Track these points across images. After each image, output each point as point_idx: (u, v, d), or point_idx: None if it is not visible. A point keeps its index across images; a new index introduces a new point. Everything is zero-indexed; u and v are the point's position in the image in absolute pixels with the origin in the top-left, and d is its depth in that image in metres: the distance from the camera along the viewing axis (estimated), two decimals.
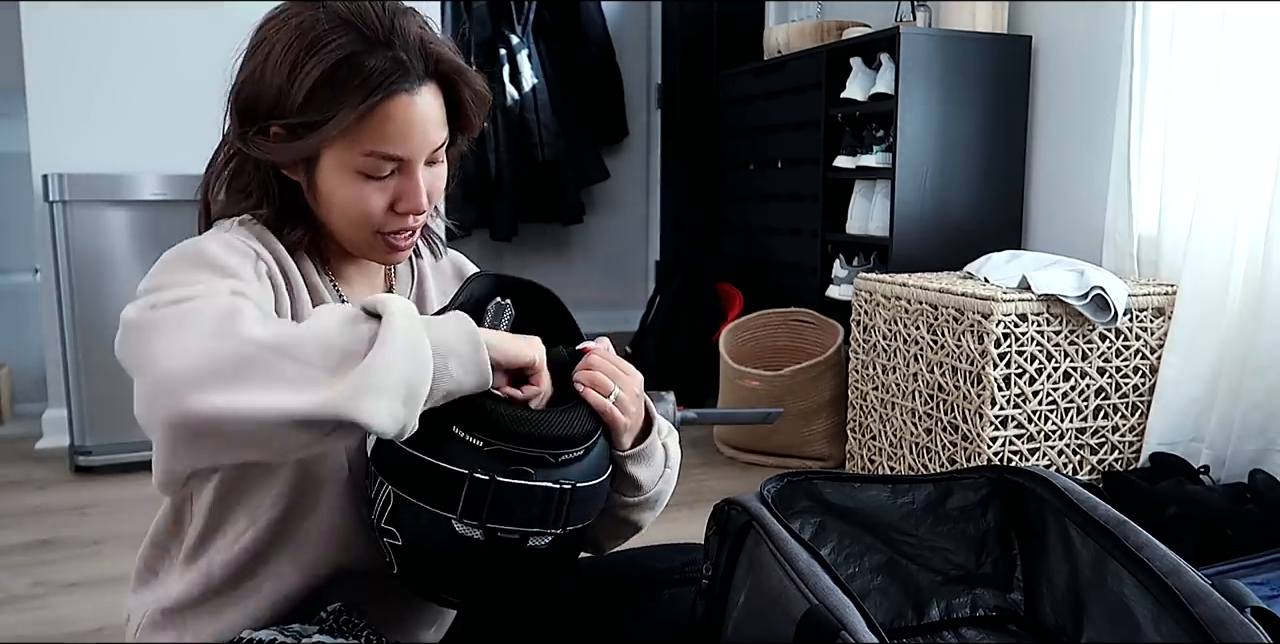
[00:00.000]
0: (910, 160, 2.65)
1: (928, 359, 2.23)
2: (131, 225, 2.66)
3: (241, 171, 0.93)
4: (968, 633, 1.01)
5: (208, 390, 0.66)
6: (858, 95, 2.81)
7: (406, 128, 0.86)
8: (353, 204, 0.89)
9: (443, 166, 0.94)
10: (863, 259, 2.88)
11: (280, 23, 0.86)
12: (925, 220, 2.69)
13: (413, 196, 0.89)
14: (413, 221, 0.91)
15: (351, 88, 0.82)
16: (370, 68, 0.82)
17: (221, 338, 0.69)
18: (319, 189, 0.90)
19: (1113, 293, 2.05)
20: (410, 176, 0.89)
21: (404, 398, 0.70)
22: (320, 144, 0.85)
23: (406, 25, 0.85)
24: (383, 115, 0.84)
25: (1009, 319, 2.04)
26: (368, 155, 0.86)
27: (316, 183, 0.89)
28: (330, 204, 0.90)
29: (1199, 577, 0.78)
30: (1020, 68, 2.74)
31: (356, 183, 0.88)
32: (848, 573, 1.00)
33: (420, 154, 0.88)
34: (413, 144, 0.87)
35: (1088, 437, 2.16)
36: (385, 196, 0.89)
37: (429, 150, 0.89)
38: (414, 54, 0.85)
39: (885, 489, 1.03)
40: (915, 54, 2.63)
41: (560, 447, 0.82)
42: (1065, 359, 2.10)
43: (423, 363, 0.72)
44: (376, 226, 0.90)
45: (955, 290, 2.15)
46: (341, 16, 0.84)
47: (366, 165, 0.87)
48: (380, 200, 0.89)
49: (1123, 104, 2.33)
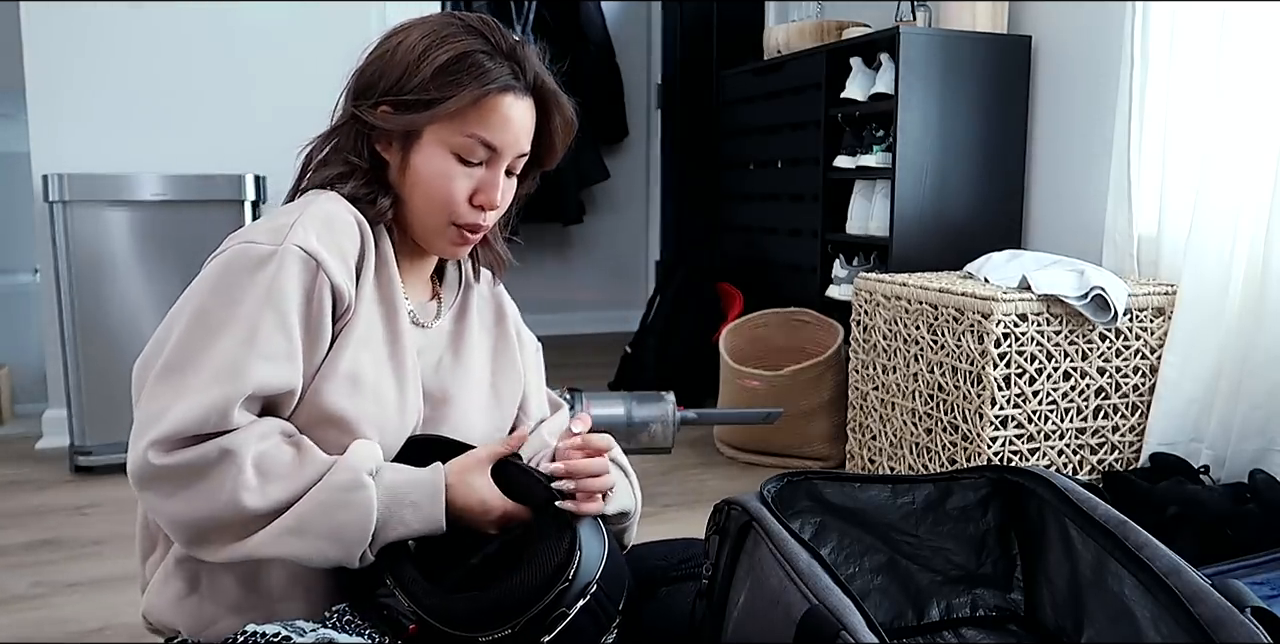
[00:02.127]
0: (910, 160, 2.65)
1: (928, 359, 2.23)
2: (131, 225, 2.66)
3: (343, 146, 1.01)
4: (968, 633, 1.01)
5: (213, 548, 0.87)
6: (858, 95, 2.81)
7: (507, 123, 0.98)
8: (441, 181, 0.98)
9: (514, 183, 1.04)
10: (863, 259, 2.88)
11: (418, 22, 1.00)
12: (925, 220, 2.69)
13: (491, 190, 0.99)
14: (483, 219, 1.01)
15: (474, 75, 0.95)
16: (491, 65, 0.96)
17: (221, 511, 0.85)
18: (412, 165, 0.98)
19: (1113, 293, 2.05)
20: (495, 171, 0.99)
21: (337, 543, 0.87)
22: (433, 118, 0.95)
23: (525, 49, 1.00)
24: (492, 105, 0.96)
25: (1009, 319, 2.04)
26: (469, 136, 0.96)
27: (411, 159, 0.98)
28: (418, 181, 0.99)
29: (1199, 577, 0.78)
30: (1020, 68, 2.74)
31: (450, 162, 0.98)
32: (848, 573, 1.00)
33: (510, 151, 0.99)
34: (508, 139, 0.98)
35: (1088, 437, 2.16)
36: (469, 183, 0.99)
37: (517, 152, 1.00)
38: (528, 68, 0.99)
39: (885, 489, 1.03)
40: (915, 54, 2.63)
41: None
42: (1065, 359, 2.10)
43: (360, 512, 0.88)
44: (452, 213, 0.99)
45: (955, 290, 2.15)
46: (474, 25, 0.98)
47: (465, 147, 0.97)
48: (464, 185, 0.99)
49: (1123, 104, 2.33)
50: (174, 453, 0.84)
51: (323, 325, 0.92)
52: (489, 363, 1.11)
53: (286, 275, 0.89)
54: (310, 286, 0.90)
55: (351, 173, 1.00)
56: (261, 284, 0.88)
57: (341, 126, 1.01)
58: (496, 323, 1.15)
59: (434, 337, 1.06)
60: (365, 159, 1.00)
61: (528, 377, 1.16)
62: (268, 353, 0.87)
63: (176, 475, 0.84)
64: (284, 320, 0.88)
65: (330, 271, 0.91)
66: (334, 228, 0.94)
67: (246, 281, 0.89)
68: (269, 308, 0.88)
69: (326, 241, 0.92)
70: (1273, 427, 2.03)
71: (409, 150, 0.98)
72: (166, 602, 0.96)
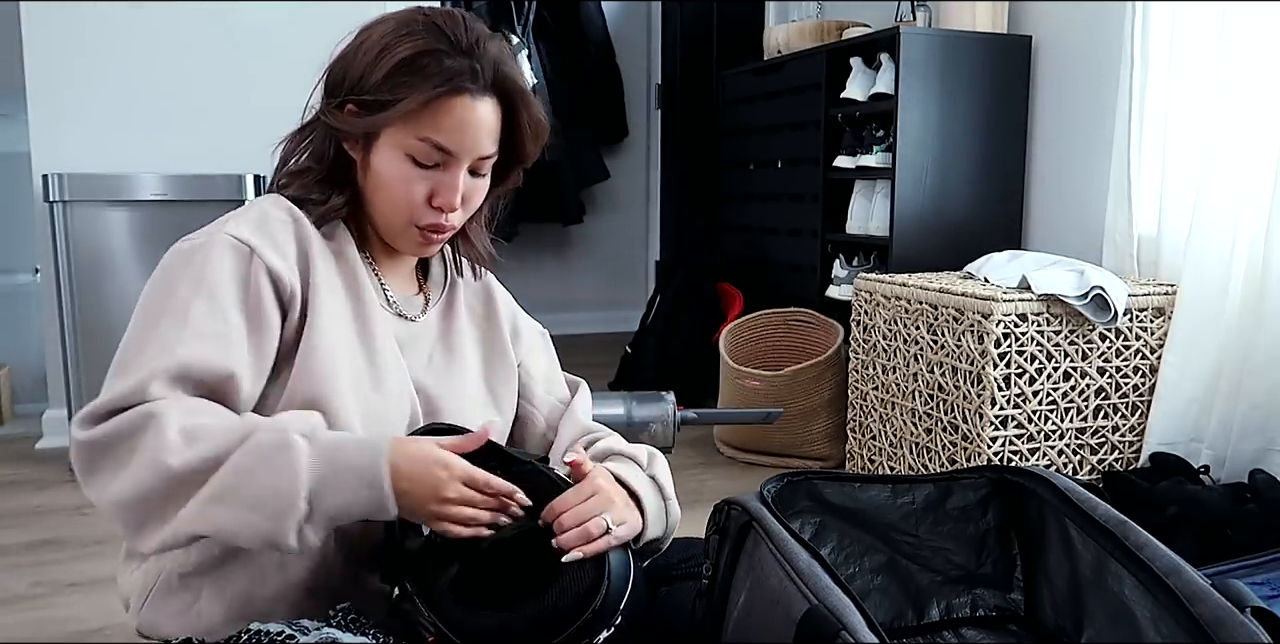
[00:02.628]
0: (910, 160, 2.65)
1: (928, 359, 2.23)
2: (131, 225, 2.66)
3: (311, 144, 1.01)
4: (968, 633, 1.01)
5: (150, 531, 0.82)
6: (858, 95, 2.81)
7: (461, 125, 0.94)
8: (397, 185, 0.96)
9: (485, 181, 1.01)
10: (863, 259, 2.88)
11: (387, 17, 0.97)
12: (925, 220, 2.69)
13: (448, 192, 0.97)
14: (445, 220, 0.98)
15: (425, 76, 0.92)
16: (446, 65, 0.92)
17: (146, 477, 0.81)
18: (372, 167, 0.97)
19: (1113, 293, 2.05)
20: (452, 174, 0.96)
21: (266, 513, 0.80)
22: (385, 121, 0.93)
23: (488, 44, 0.96)
24: (444, 108, 0.93)
25: (1009, 319, 2.04)
26: (421, 140, 0.94)
27: (371, 160, 0.97)
28: (378, 183, 0.98)
29: (1199, 577, 0.78)
30: (1020, 68, 2.74)
31: (405, 165, 0.95)
32: (848, 573, 1.00)
33: (466, 154, 0.96)
34: (463, 142, 0.95)
35: (1088, 437, 2.16)
36: (426, 186, 0.96)
37: (476, 155, 0.96)
38: (486, 66, 0.94)
39: (885, 489, 1.03)
40: (915, 54, 2.62)
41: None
42: (1065, 359, 2.10)
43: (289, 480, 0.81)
44: (412, 216, 0.98)
45: (955, 290, 2.15)
46: (437, 23, 0.95)
47: (418, 150, 0.94)
48: (420, 188, 0.96)
49: (1123, 104, 2.33)
50: (98, 425, 0.83)
51: (264, 310, 0.91)
52: (481, 358, 1.10)
53: (218, 260, 0.90)
54: (245, 272, 0.90)
55: (307, 171, 1.00)
56: (194, 272, 0.89)
57: (309, 125, 1.01)
58: (487, 317, 1.14)
59: (421, 331, 1.05)
60: (329, 158, 1.00)
61: (533, 361, 1.15)
62: (198, 331, 0.87)
63: (101, 446, 0.83)
64: (217, 304, 0.88)
65: (264, 256, 0.91)
66: (267, 224, 0.94)
67: (181, 272, 0.90)
68: (201, 292, 0.88)
69: (261, 234, 0.93)
70: (1273, 426, 2.03)
71: (369, 151, 0.97)
72: (166, 616, 0.95)
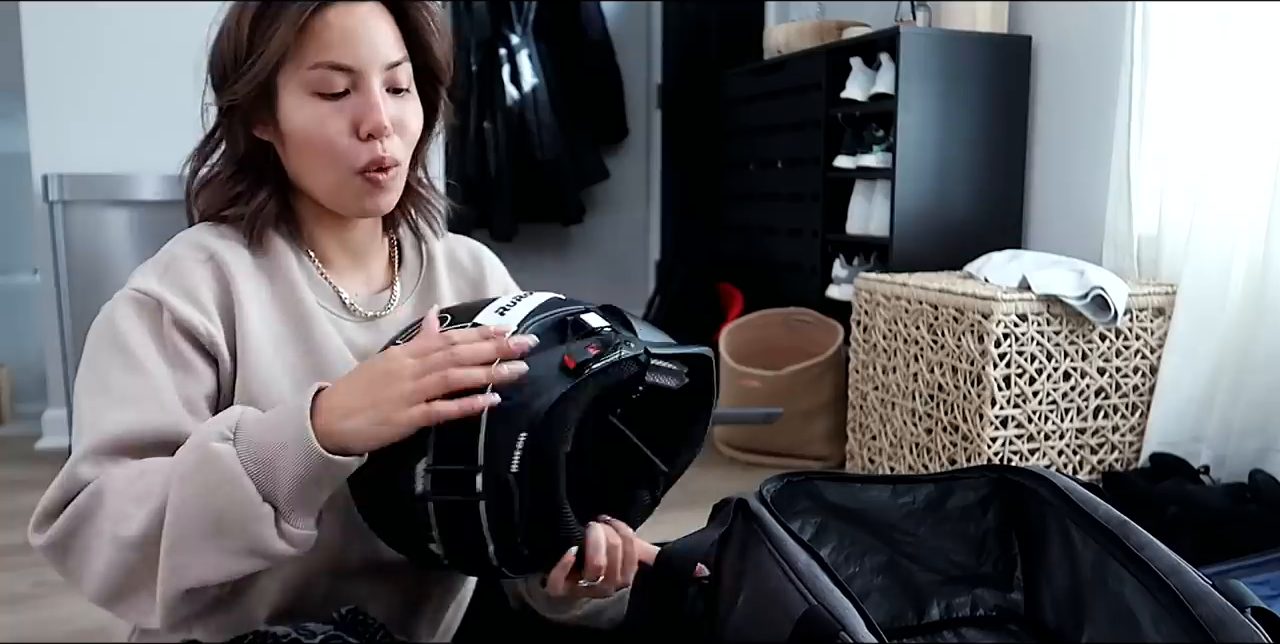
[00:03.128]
0: (910, 160, 2.65)
1: (928, 359, 2.23)
2: (131, 225, 2.66)
3: (220, 140, 0.92)
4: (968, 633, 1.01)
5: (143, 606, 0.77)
6: (858, 95, 2.81)
7: (348, 34, 0.85)
8: (314, 127, 0.86)
9: (412, 101, 0.91)
10: (863, 259, 2.88)
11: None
12: (925, 220, 2.69)
13: (371, 112, 0.85)
14: (382, 150, 0.87)
15: (288, 10, 0.84)
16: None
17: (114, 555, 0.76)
18: (284, 129, 0.88)
19: (1113, 293, 2.05)
20: (366, 93, 0.86)
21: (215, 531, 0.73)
22: (268, 63, 0.84)
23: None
24: (321, 24, 0.84)
25: (1009, 319, 2.04)
26: (314, 68, 0.85)
27: (282, 126, 0.88)
28: (296, 140, 0.87)
29: (1200, 577, 0.78)
30: (1020, 68, 2.74)
31: (314, 103, 0.86)
32: (848, 573, 1.00)
33: (369, 64, 0.86)
34: (358, 52, 0.85)
35: (1088, 437, 2.16)
36: (344, 119, 0.86)
37: (380, 63, 0.86)
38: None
39: (886, 489, 1.03)
40: (915, 54, 2.62)
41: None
42: (1065, 359, 2.09)
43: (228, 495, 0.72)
44: (346, 159, 0.87)
45: (955, 290, 2.15)
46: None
47: (317, 80, 0.85)
48: (339, 122, 0.86)
49: (1123, 104, 2.33)
50: (52, 525, 0.80)
51: (184, 357, 0.84)
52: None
53: (125, 320, 0.84)
54: (155, 325, 0.84)
55: (224, 177, 0.92)
56: (108, 339, 0.84)
57: (211, 131, 0.92)
58: (475, 291, 1.07)
59: (391, 326, 0.96)
60: (242, 152, 0.91)
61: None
62: (122, 397, 0.81)
63: (63, 544, 0.79)
64: (133, 363, 0.82)
65: (172, 307, 0.84)
66: (176, 269, 0.87)
67: (97, 342, 0.85)
68: (115, 358, 0.83)
69: (167, 282, 0.85)
70: (1273, 426, 2.03)
71: (276, 115, 0.87)
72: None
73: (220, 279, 0.87)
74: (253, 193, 0.91)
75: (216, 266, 0.87)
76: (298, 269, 0.92)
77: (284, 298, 0.90)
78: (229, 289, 0.87)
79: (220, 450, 0.73)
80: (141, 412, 0.80)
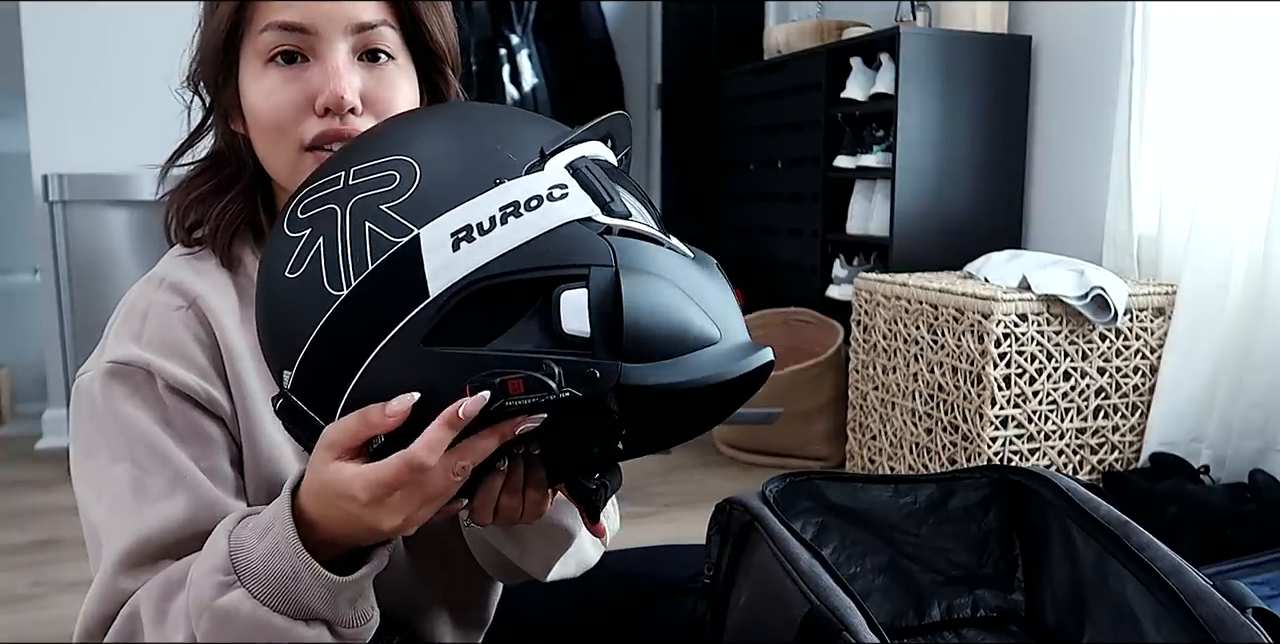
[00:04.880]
0: (910, 160, 2.65)
1: (928, 359, 2.23)
2: (131, 225, 2.66)
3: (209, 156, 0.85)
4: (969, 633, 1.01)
5: None
6: (858, 95, 2.81)
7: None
8: (262, 101, 0.75)
9: (399, 73, 0.78)
10: (863, 259, 2.88)
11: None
12: (925, 220, 2.69)
13: (330, 78, 0.73)
14: (340, 123, 0.74)
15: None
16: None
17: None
18: (244, 105, 0.78)
19: (1113, 293, 2.05)
20: (327, 59, 0.74)
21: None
22: (223, 34, 0.75)
23: None
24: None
25: (1009, 319, 2.04)
26: (264, 31, 0.74)
27: (241, 100, 0.78)
28: (251, 124, 0.77)
29: (1200, 577, 0.78)
30: (1020, 68, 2.74)
31: (269, 72, 0.75)
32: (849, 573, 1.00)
33: (327, 24, 0.73)
34: (311, 9, 0.73)
35: (1088, 437, 2.16)
36: (298, 89, 0.74)
37: (343, 23, 0.74)
38: None
39: (887, 489, 1.03)
40: (915, 54, 2.62)
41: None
42: (1065, 359, 2.10)
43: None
44: (294, 133, 0.75)
45: (955, 290, 2.15)
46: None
47: (269, 44, 0.74)
48: (290, 93, 0.74)
49: (1123, 104, 2.33)
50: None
51: (193, 425, 0.75)
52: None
53: (116, 402, 0.73)
54: (150, 396, 0.74)
55: (184, 181, 0.84)
56: (105, 426, 0.74)
57: (197, 131, 0.84)
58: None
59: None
60: (216, 152, 0.83)
61: None
62: (141, 495, 0.72)
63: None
64: (140, 450, 0.73)
65: (161, 371, 0.74)
66: (156, 324, 0.77)
67: (92, 430, 0.75)
68: (120, 444, 0.73)
69: (150, 343, 0.76)
70: (1273, 426, 2.03)
71: (238, 94, 0.78)
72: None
73: (205, 326, 0.77)
74: (219, 196, 0.82)
75: (198, 313, 0.77)
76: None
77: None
78: (213, 331, 0.77)
79: (231, 604, 0.63)
80: (173, 505, 0.71)
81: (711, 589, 0.94)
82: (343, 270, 0.58)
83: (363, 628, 0.66)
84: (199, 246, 0.82)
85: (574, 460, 0.68)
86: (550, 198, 0.58)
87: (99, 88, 2.87)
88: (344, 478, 0.60)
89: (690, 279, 0.60)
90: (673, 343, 0.57)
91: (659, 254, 0.60)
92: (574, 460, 0.68)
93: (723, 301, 0.62)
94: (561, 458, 0.68)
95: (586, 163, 0.61)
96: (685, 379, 0.57)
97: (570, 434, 0.66)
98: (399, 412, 0.57)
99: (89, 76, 2.86)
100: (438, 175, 0.60)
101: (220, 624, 0.63)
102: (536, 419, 0.58)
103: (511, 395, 0.55)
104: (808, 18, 3.46)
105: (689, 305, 0.59)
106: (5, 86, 3.05)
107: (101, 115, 2.87)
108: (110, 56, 2.87)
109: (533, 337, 0.56)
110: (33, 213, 2.84)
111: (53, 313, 2.73)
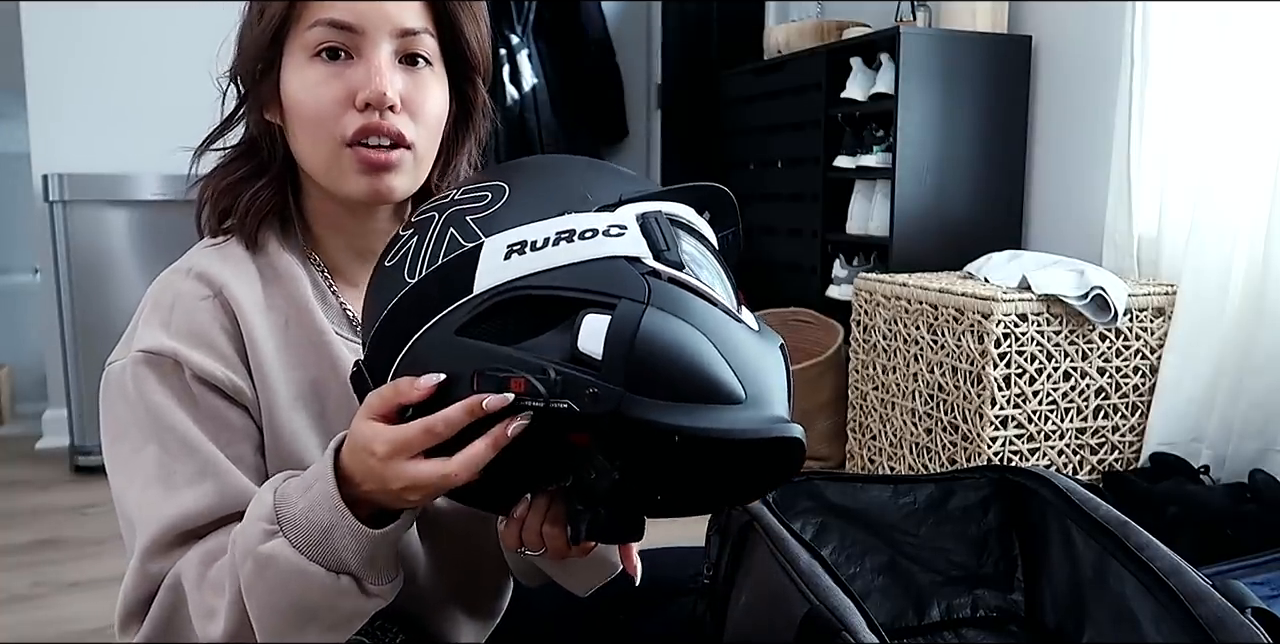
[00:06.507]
0: (910, 160, 2.65)
1: (928, 359, 2.24)
2: (131, 225, 2.66)
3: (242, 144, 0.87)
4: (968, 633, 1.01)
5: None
6: (858, 95, 2.81)
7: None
8: (306, 94, 0.78)
9: (435, 80, 0.82)
10: (863, 259, 2.88)
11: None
12: (925, 220, 2.69)
13: (373, 76, 0.77)
14: (379, 118, 0.78)
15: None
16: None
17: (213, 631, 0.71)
18: (284, 99, 0.81)
19: (1113, 293, 2.05)
20: (370, 57, 0.78)
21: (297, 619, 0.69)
22: (274, 28, 0.79)
23: None
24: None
25: (1009, 319, 2.04)
26: (312, 27, 0.77)
27: (282, 94, 0.81)
28: (292, 116, 0.80)
29: (1200, 577, 0.78)
30: (1020, 68, 2.74)
31: (313, 67, 0.78)
32: (849, 573, 1.01)
33: (376, 26, 0.78)
34: (362, 9, 0.77)
35: (1088, 437, 2.16)
36: (341, 85, 0.78)
37: (390, 26, 0.78)
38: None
39: (887, 489, 1.03)
40: (915, 54, 2.62)
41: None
42: (1065, 359, 2.10)
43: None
44: (335, 129, 0.78)
45: (955, 290, 2.15)
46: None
47: (315, 40, 0.78)
48: (334, 89, 0.78)
49: (1123, 104, 2.33)
50: (141, 625, 0.75)
51: (219, 414, 0.78)
52: None
53: (146, 389, 0.77)
54: (178, 385, 0.77)
55: (216, 168, 0.86)
56: (136, 412, 0.77)
57: (230, 118, 0.86)
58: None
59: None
60: (250, 139, 0.85)
61: None
62: (171, 481, 0.75)
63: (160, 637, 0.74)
64: (170, 437, 0.76)
65: (188, 360, 0.77)
66: (182, 314, 0.79)
67: (123, 415, 0.78)
68: (151, 435, 0.76)
69: (178, 332, 0.78)
70: (1273, 426, 2.03)
71: (278, 86, 0.81)
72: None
73: (229, 314, 0.80)
74: (250, 182, 0.84)
75: (224, 303, 0.80)
76: (309, 288, 0.84)
77: (298, 327, 0.83)
78: (239, 328, 0.80)
79: (272, 551, 0.67)
80: (198, 492, 0.75)
81: (711, 589, 0.94)
82: (419, 263, 0.66)
83: (387, 585, 0.71)
84: (225, 237, 0.85)
85: (576, 485, 0.71)
86: (606, 233, 0.63)
87: (99, 88, 2.87)
88: (370, 433, 0.65)
89: (731, 341, 0.61)
90: (687, 388, 0.58)
91: (701, 307, 0.62)
92: (576, 485, 0.71)
93: (764, 371, 0.62)
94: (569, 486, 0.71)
95: (658, 215, 0.65)
96: (686, 424, 0.57)
97: (575, 459, 0.69)
98: (426, 387, 0.63)
99: (89, 76, 2.87)
100: (519, 201, 0.67)
101: (261, 568, 0.68)
102: (525, 416, 0.61)
103: (513, 393, 0.60)
104: (808, 18, 3.46)
105: (716, 360, 0.59)
106: (5, 86, 3.06)
107: (101, 115, 2.88)
108: (110, 56, 2.88)
109: (553, 349, 0.60)
110: (33, 213, 2.84)
111: (53, 313, 2.73)
